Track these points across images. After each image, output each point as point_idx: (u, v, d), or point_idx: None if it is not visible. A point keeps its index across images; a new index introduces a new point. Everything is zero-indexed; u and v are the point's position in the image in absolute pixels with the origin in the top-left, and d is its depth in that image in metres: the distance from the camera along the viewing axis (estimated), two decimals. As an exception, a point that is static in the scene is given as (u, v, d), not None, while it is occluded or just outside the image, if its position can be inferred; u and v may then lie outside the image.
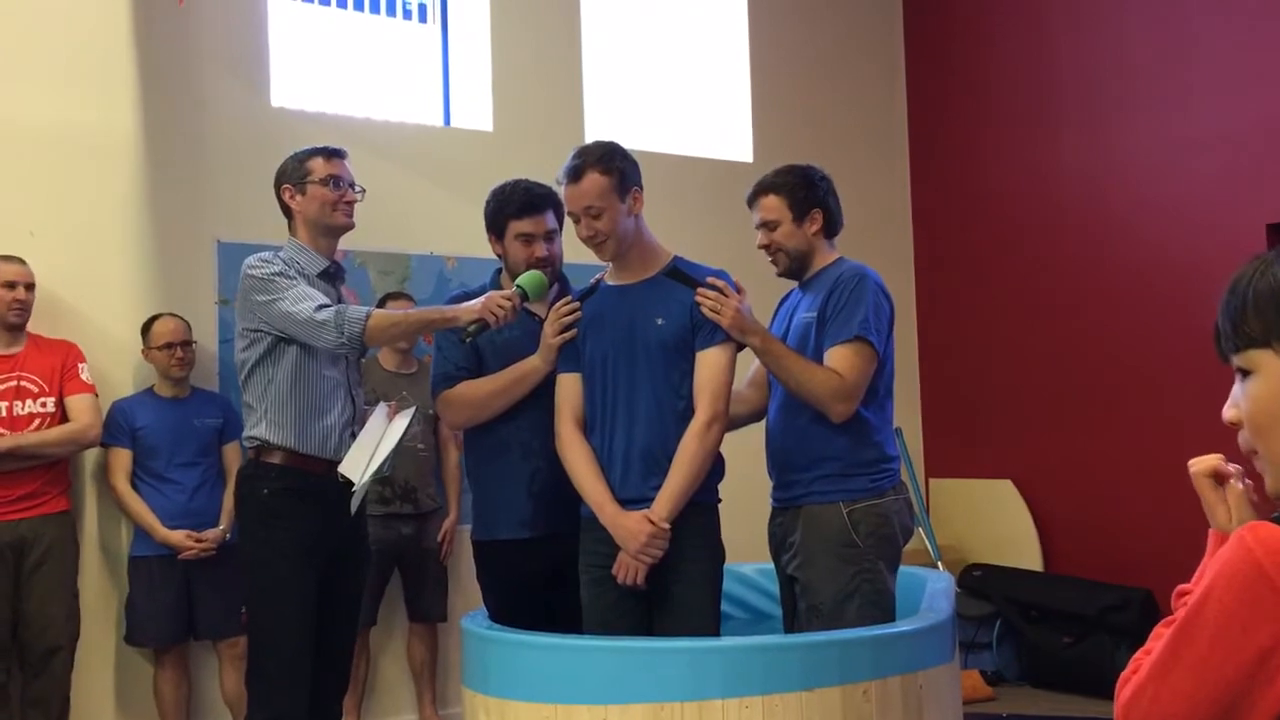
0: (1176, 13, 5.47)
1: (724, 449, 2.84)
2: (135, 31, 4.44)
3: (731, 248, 3.96)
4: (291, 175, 3.22)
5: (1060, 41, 5.93)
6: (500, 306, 2.85)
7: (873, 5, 6.57)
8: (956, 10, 6.44)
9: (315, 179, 3.18)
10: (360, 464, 3.06)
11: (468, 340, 2.90)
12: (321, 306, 3.01)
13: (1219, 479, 1.30)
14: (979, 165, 6.26)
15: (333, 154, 3.24)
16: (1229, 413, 1.23)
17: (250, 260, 3.12)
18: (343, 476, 3.08)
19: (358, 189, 3.25)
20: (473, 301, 2.93)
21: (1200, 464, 1.31)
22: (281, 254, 3.17)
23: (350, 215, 3.24)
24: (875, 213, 6.17)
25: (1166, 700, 1.16)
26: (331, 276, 3.25)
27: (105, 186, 4.37)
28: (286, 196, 3.22)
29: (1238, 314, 1.21)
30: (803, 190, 2.94)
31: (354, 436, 3.16)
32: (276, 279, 3.06)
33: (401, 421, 3.16)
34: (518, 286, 2.91)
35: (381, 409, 3.22)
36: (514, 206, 3.00)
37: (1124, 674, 1.24)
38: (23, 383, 3.92)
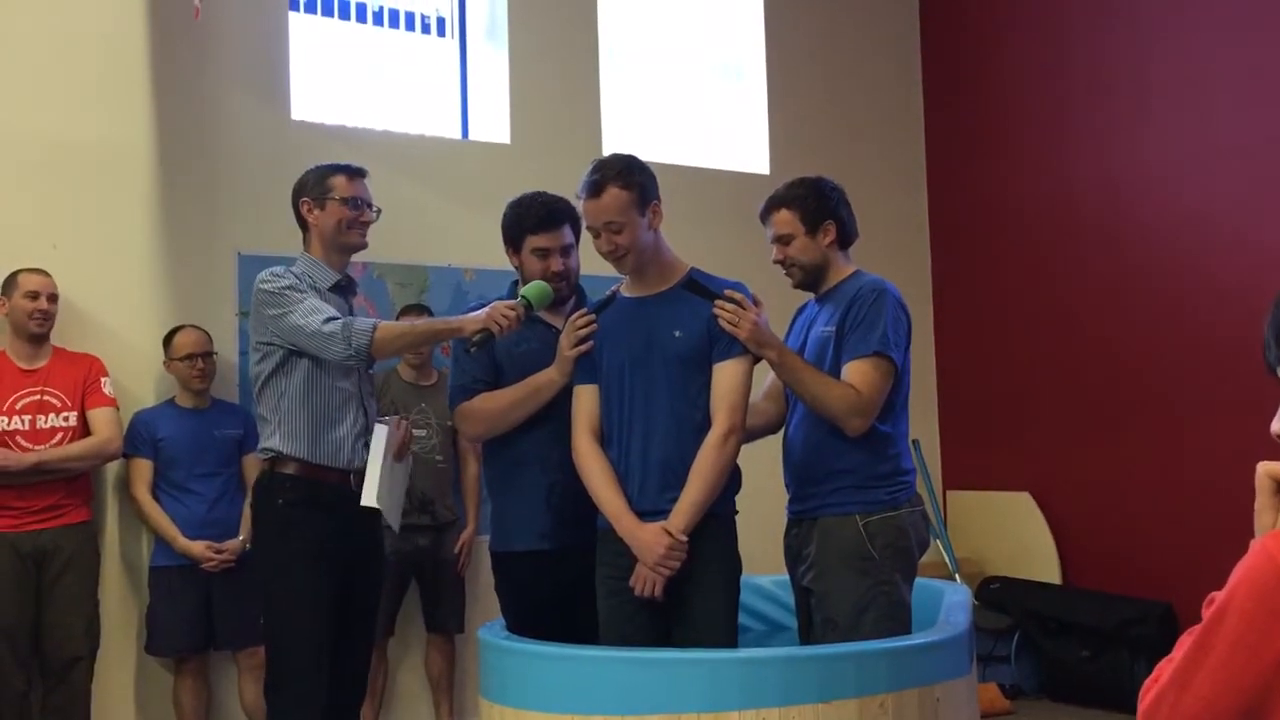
0: (1195, 22, 5.46)
1: (740, 461, 2.84)
2: (156, 46, 4.48)
3: (748, 260, 3.97)
4: (312, 190, 3.24)
5: (1078, 53, 5.92)
6: (504, 316, 2.87)
7: (889, 17, 6.58)
8: (974, 22, 6.44)
9: (336, 197, 3.22)
10: (373, 490, 3.11)
11: (472, 350, 2.92)
12: (330, 319, 3.05)
13: None
14: (997, 177, 6.26)
15: (355, 173, 3.27)
16: (1276, 425, 1.24)
17: (262, 275, 3.16)
18: (367, 507, 3.11)
19: (374, 210, 3.28)
20: (478, 312, 2.95)
21: (1269, 466, 1.29)
22: (293, 268, 3.21)
23: (364, 236, 3.28)
24: (892, 224, 6.17)
25: (1187, 705, 1.16)
26: (343, 289, 3.29)
27: (127, 200, 4.41)
28: (304, 210, 3.26)
29: (1273, 328, 1.22)
30: (814, 202, 2.95)
31: (367, 446, 3.18)
32: (287, 293, 3.10)
33: (380, 434, 3.17)
34: (522, 297, 2.93)
35: (380, 430, 3.22)
36: (531, 221, 3.01)
37: (1147, 682, 1.24)
38: (46, 397, 3.95)
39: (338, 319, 3.06)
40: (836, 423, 2.81)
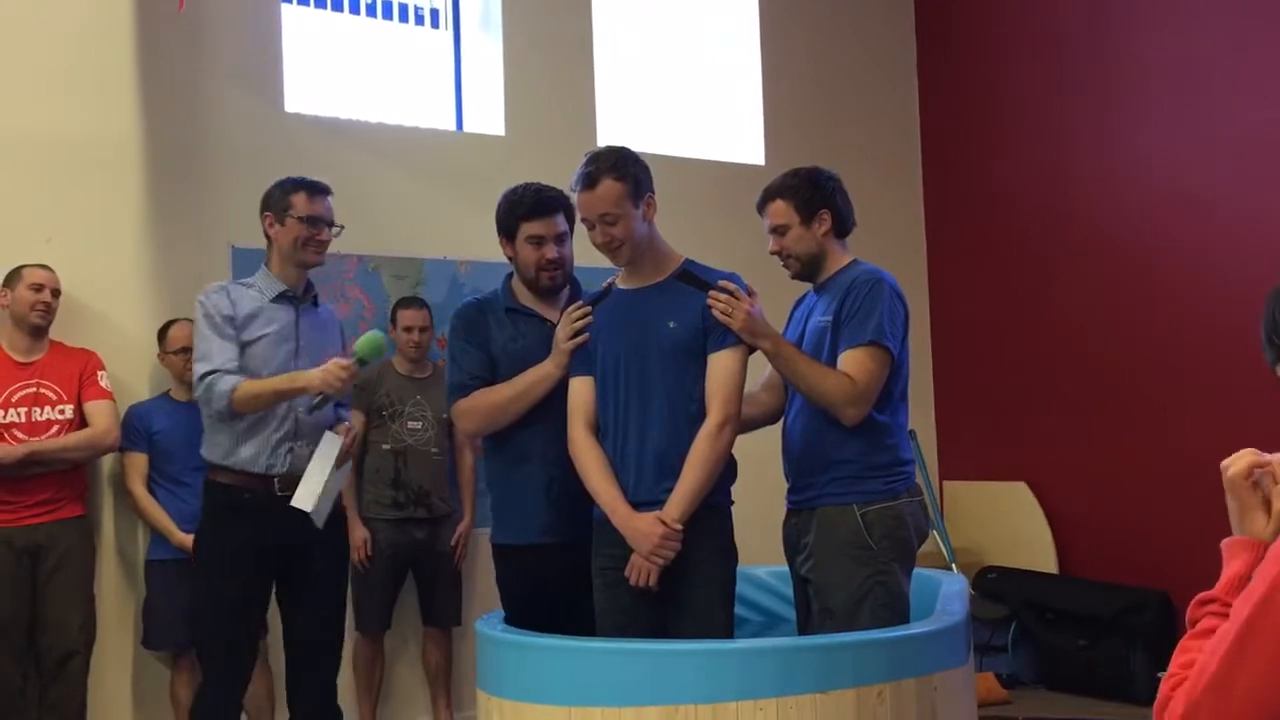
0: (1191, 13, 5.45)
1: (738, 452, 2.84)
2: (147, 40, 4.46)
3: (743, 251, 3.96)
4: (274, 205, 3.38)
5: (1074, 42, 5.91)
6: (338, 378, 3.12)
7: (884, 7, 6.57)
8: (969, 11, 6.43)
9: (294, 215, 3.34)
10: (312, 494, 3.22)
11: (313, 411, 3.17)
12: (206, 374, 3.23)
13: (1253, 475, 1.25)
14: (992, 166, 6.25)
15: (317, 191, 3.39)
16: None
17: (199, 295, 3.35)
18: (297, 508, 3.23)
19: (334, 229, 3.40)
20: (316, 371, 3.17)
21: (1237, 464, 1.25)
22: (246, 279, 3.42)
23: (321, 254, 3.42)
24: (888, 213, 6.16)
25: (1234, 707, 1.11)
26: (291, 299, 3.40)
27: (121, 193, 4.40)
28: (266, 224, 3.40)
29: (1268, 330, 1.20)
30: (809, 192, 2.94)
31: (291, 452, 3.30)
32: (201, 328, 3.31)
33: (329, 443, 3.29)
34: (354, 355, 3.13)
35: (331, 440, 3.31)
36: (525, 208, 3.00)
37: (1161, 694, 1.19)
38: (42, 389, 3.95)
39: (210, 375, 3.22)
40: (832, 412, 2.80)
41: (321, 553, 3.37)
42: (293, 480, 3.26)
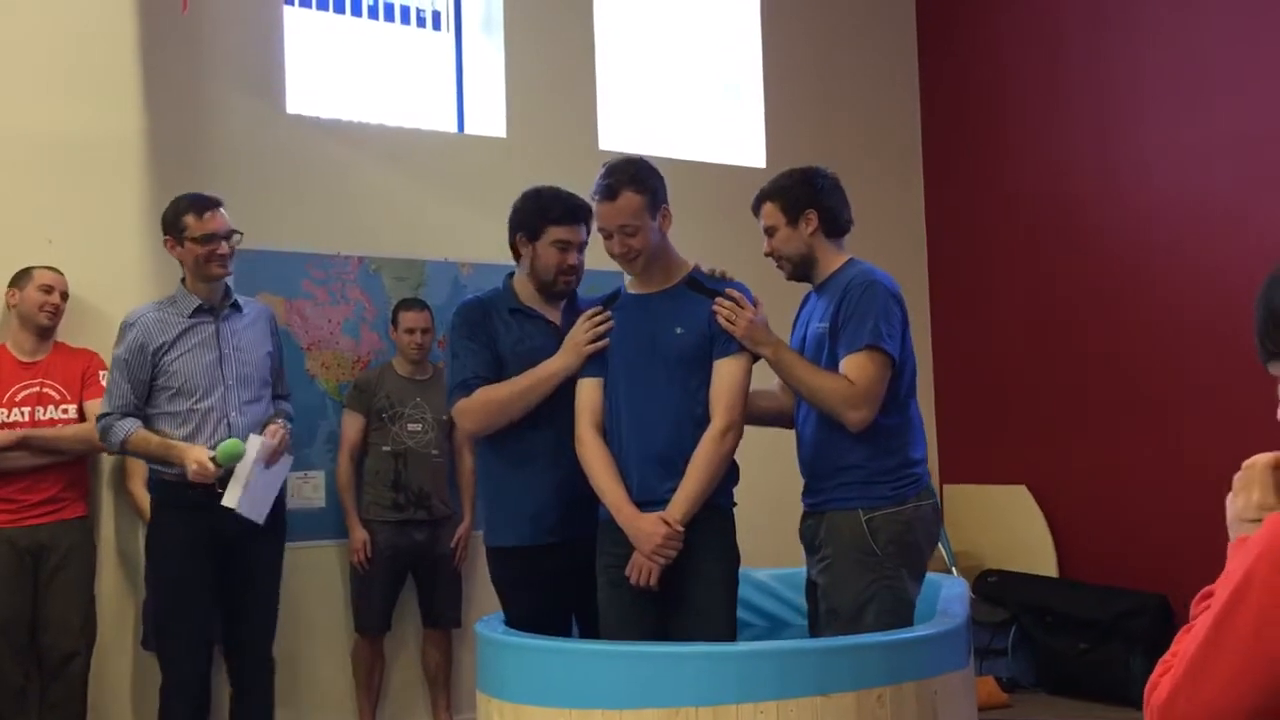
0: (1192, 13, 5.46)
1: (746, 455, 2.86)
2: (152, 41, 4.47)
3: (744, 254, 3.95)
4: (171, 228, 3.48)
5: (1075, 43, 5.92)
6: (195, 471, 3.30)
7: (885, 10, 6.57)
8: (970, 13, 6.43)
9: (189, 236, 3.43)
10: (236, 493, 3.35)
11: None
12: (108, 414, 3.43)
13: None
14: (993, 168, 6.25)
15: (205, 207, 3.47)
16: None
17: (122, 324, 3.48)
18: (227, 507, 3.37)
19: (235, 237, 3.48)
20: (193, 453, 3.32)
21: (1266, 456, 1.26)
22: (162, 299, 3.54)
23: (226, 266, 3.50)
24: (889, 216, 6.17)
25: (1209, 692, 1.12)
26: (211, 311, 3.51)
27: (122, 194, 4.40)
28: (168, 247, 3.50)
29: (1260, 331, 1.21)
30: (796, 192, 2.94)
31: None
32: (110, 368, 3.48)
33: (252, 445, 3.39)
34: (212, 459, 3.31)
35: (253, 440, 3.41)
36: (557, 212, 2.99)
37: (1151, 679, 1.21)
38: (45, 389, 3.97)
39: (107, 415, 3.41)
40: (836, 416, 2.80)
41: (260, 545, 3.51)
42: (228, 479, 3.38)
